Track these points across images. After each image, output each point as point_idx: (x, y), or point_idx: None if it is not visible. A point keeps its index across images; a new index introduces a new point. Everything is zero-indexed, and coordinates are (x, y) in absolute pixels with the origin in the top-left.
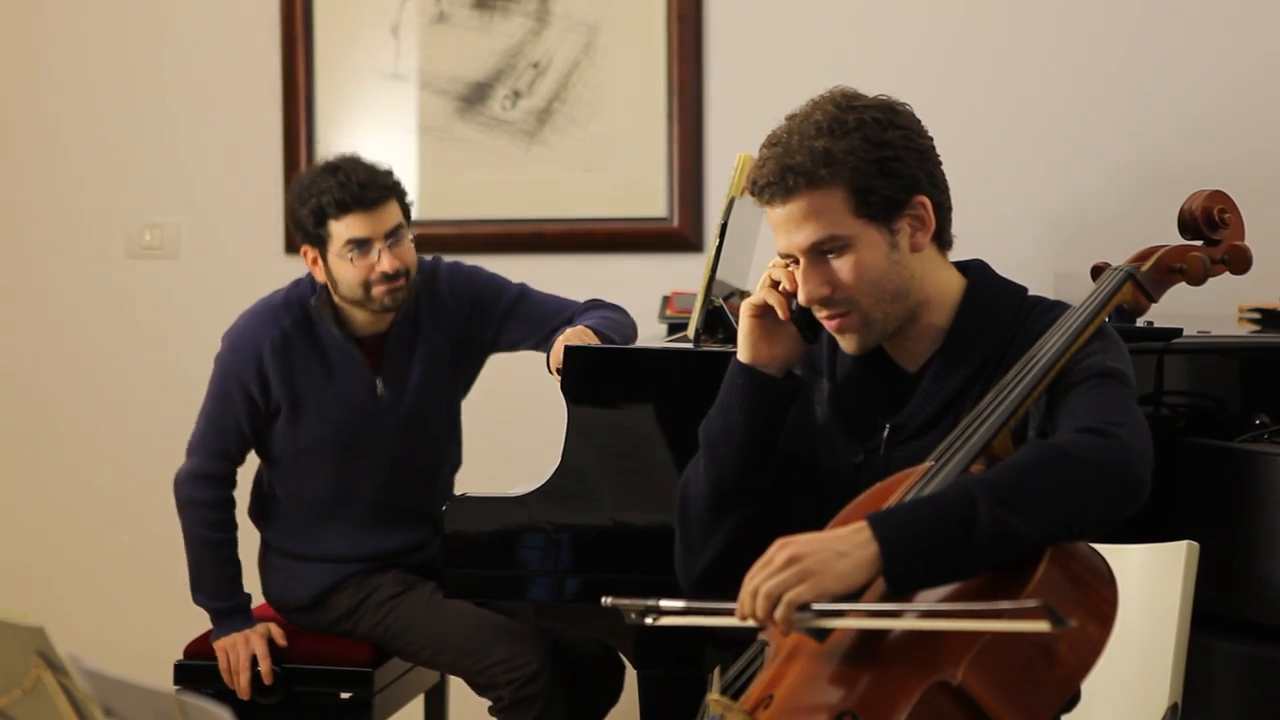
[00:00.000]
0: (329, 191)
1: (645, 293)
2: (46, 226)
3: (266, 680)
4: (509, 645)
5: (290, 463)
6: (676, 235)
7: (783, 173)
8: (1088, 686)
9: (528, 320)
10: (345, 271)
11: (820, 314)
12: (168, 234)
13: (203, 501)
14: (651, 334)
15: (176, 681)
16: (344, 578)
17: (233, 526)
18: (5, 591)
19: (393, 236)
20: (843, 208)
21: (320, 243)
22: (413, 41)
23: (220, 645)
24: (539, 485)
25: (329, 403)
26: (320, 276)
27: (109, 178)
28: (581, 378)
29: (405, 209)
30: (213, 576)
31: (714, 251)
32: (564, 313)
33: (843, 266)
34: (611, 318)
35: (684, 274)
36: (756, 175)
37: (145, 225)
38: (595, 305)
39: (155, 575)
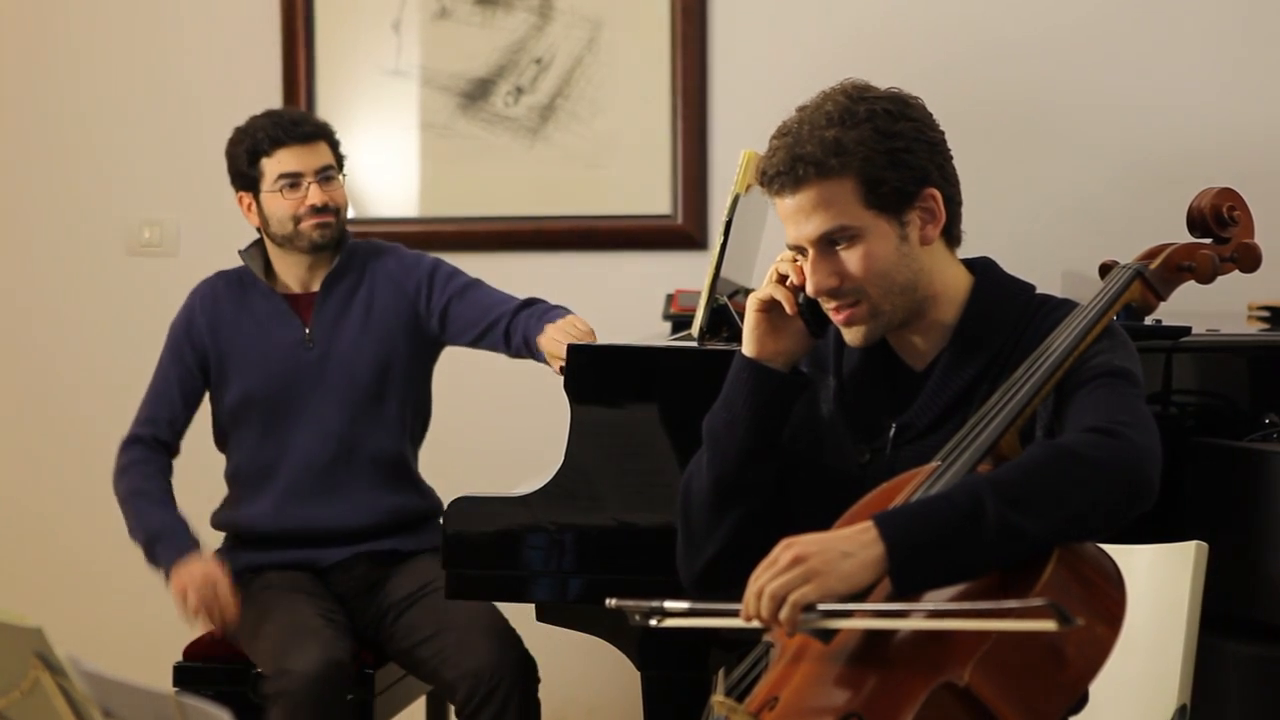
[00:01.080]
0: (262, 129)
1: (649, 291)
2: (45, 223)
3: (229, 613)
4: (280, 642)
5: (229, 431)
6: (680, 233)
7: (793, 162)
8: (1096, 688)
9: (475, 305)
10: (276, 206)
11: (828, 305)
12: (167, 231)
13: (128, 464)
14: (655, 332)
15: (176, 683)
16: (247, 567)
17: (164, 478)
18: (3, 592)
19: (324, 174)
20: (852, 198)
21: (253, 184)
22: (414, 37)
23: (178, 582)
24: (541, 485)
25: (254, 354)
26: (254, 221)
27: (108, 174)
28: (584, 376)
29: (338, 156)
30: (141, 511)
31: (718, 249)
32: (505, 305)
33: (851, 257)
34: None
35: (688, 272)
36: (766, 165)
37: (144, 222)
38: (534, 303)
39: (154, 577)
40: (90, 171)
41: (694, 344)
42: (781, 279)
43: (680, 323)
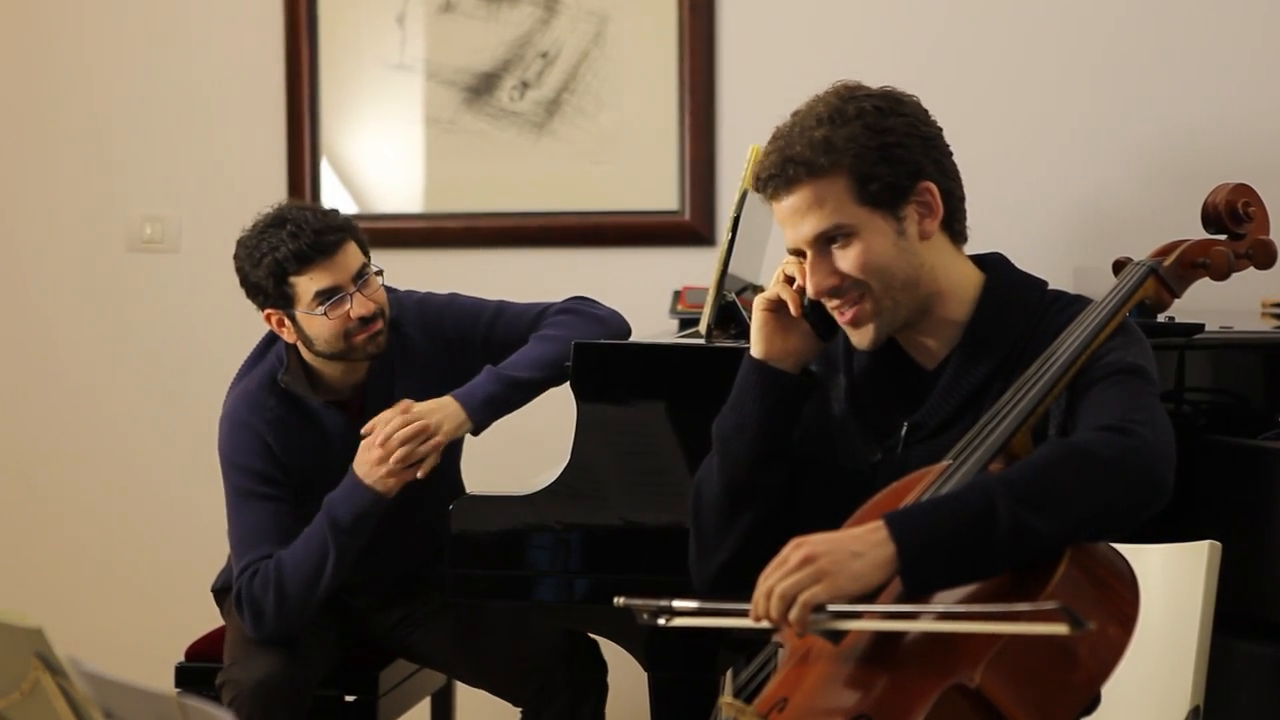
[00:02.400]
0: (283, 245)
1: (656, 288)
2: (44, 219)
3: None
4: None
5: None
6: (688, 229)
7: (783, 164)
8: (1108, 689)
9: (507, 336)
10: (320, 327)
11: (831, 305)
12: (168, 227)
13: (267, 575)
14: (662, 329)
15: (178, 684)
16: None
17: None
18: (3, 592)
19: (360, 278)
20: (845, 196)
21: (285, 303)
22: (419, 31)
23: (363, 468)
24: (547, 484)
25: (330, 472)
26: (290, 338)
27: (108, 170)
28: (591, 374)
29: (364, 246)
30: (306, 543)
31: (726, 245)
32: (538, 319)
33: (848, 256)
34: (551, 334)
35: (696, 268)
36: (759, 170)
37: (145, 218)
38: (569, 309)
39: (157, 575)
40: (90, 166)
41: (702, 341)
42: (788, 280)
43: (688, 320)
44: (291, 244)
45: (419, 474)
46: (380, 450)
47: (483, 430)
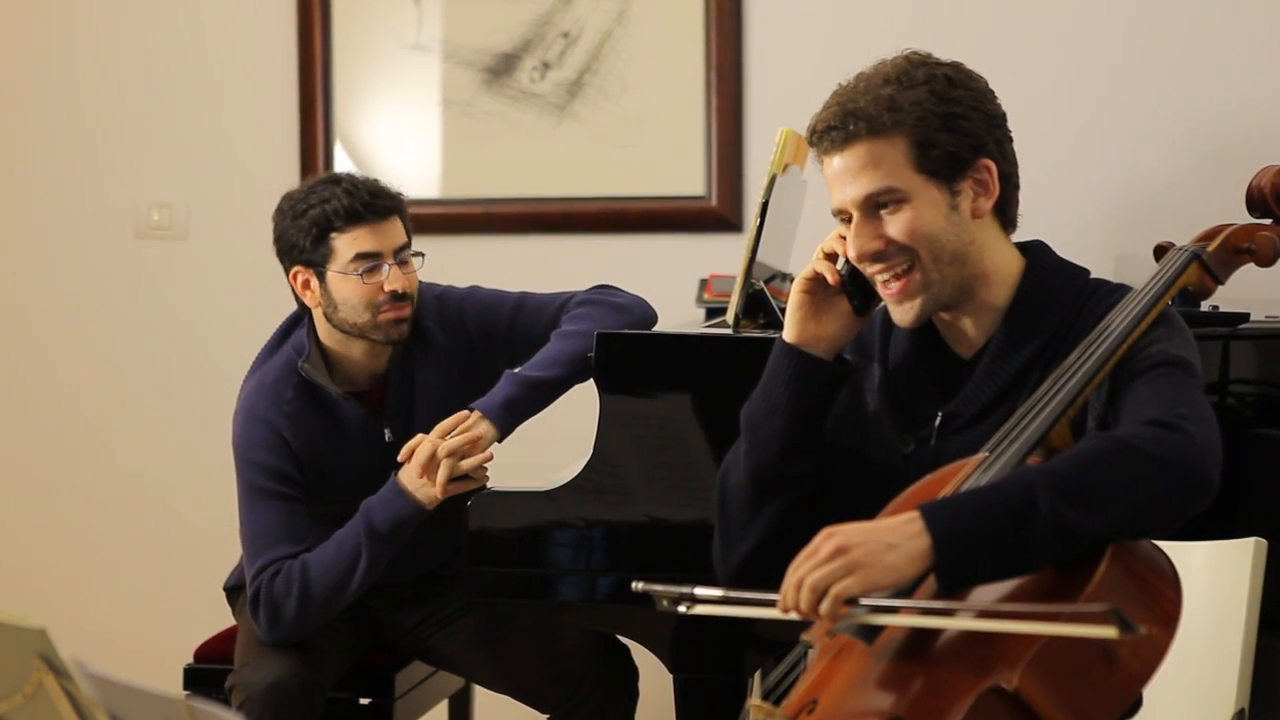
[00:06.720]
0: (334, 199)
1: (682, 275)
2: (50, 206)
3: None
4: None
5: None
6: (715, 215)
7: (845, 117)
8: (1150, 691)
9: (531, 329)
10: (349, 291)
11: (875, 271)
12: (177, 214)
13: (290, 578)
14: (688, 319)
15: (186, 686)
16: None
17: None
18: (6, 591)
19: (401, 255)
20: (903, 159)
21: (319, 261)
22: (436, 10)
23: (408, 479)
24: (569, 479)
25: (347, 470)
26: (312, 302)
27: (115, 155)
28: (615, 365)
29: (409, 230)
30: (339, 545)
31: (754, 232)
32: (560, 311)
33: (897, 222)
34: (570, 329)
35: (723, 255)
36: (817, 121)
37: (153, 204)
38: (590, 299)
39: (163, 574)
40: (97, 151)
41: (729, 331)
42: (828, 258)
43: (714, 309)
44: (345, 199)
45: (464, 488)
46: (427, 460)
47: (507, 435)
